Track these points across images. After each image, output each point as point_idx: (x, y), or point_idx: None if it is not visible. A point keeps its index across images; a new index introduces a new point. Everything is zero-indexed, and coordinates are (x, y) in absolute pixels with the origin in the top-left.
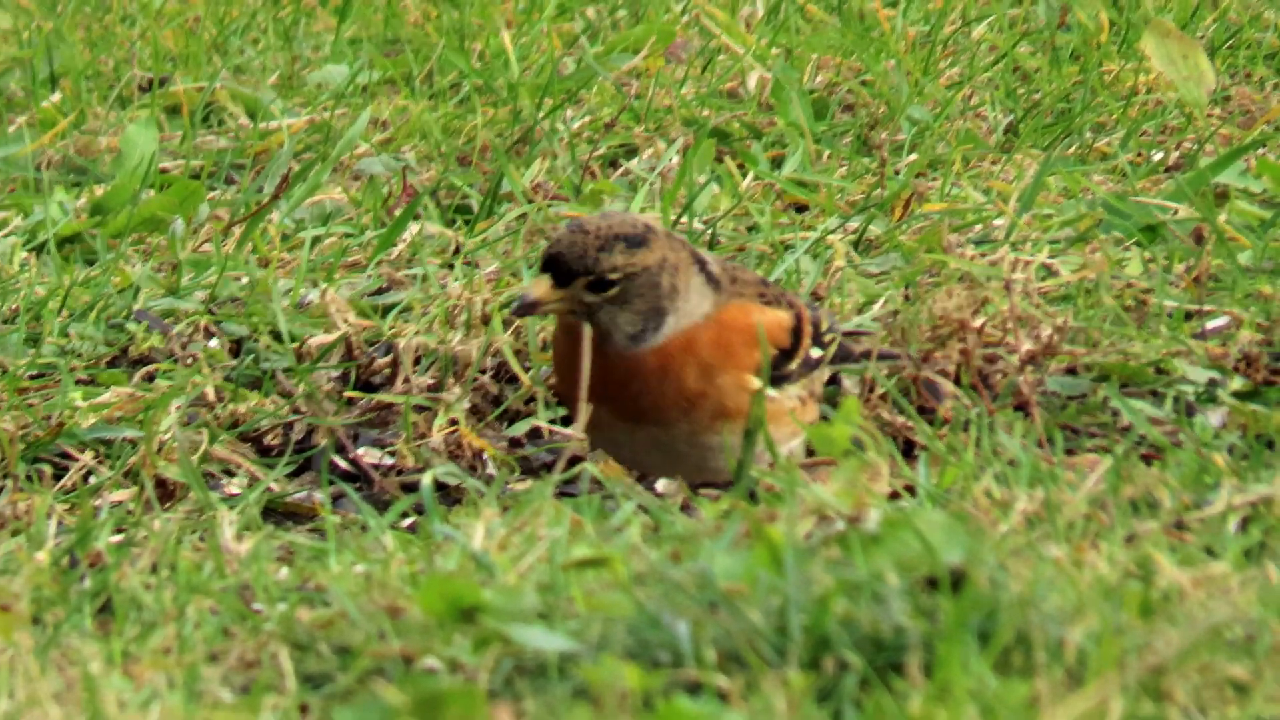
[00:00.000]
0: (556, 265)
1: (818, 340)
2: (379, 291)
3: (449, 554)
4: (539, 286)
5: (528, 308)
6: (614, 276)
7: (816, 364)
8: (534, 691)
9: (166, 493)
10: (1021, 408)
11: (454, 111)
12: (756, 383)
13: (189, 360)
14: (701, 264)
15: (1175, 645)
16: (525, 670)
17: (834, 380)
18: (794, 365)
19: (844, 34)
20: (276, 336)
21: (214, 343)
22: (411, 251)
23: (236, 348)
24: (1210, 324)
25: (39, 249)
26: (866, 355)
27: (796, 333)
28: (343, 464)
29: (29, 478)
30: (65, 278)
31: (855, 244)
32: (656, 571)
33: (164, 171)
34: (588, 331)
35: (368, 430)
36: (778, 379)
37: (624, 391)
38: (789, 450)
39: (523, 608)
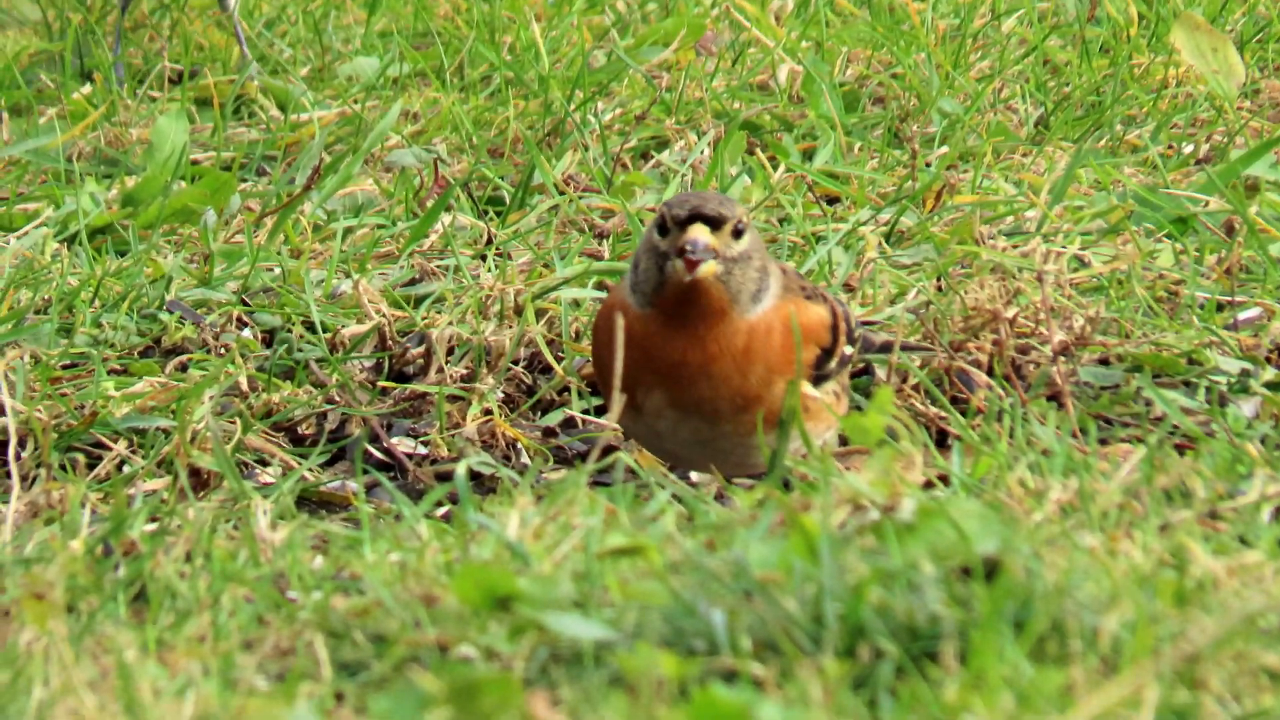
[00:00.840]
0: (704, 215)
1: (850, 336)
2: (411, 282)
3: (484, 543)
4: (704, 234)
5: (705, 252)
6: (744, 222)
7: (848, 359)
8: (569, 680)
9: (200, 482)
10: (1054, 398)
11: (485, 104)
12: (807, 387)
13: (222, 350)
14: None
15: (1210, 634)
16: (561, 659)
17: (866, 371)
18: (833, 363)
19: (874, 27)
20: (309, 327)
21: (247, 333)
22: (444, 243)
23: (269, 338)
24: (1242, 315)
25: (71, 240)
26: (887, 347)
27: (834, 330)
28: (377, 454)
29: (63, 467)
30: (97, 268)
31: (887, 236)
32: (691, 560)
33: (195, 163)
34: (620, 321)
35: (401, 420)
36: (820, 378)
37: (698, 373)
38: (823, 442)
39: (558, 596)
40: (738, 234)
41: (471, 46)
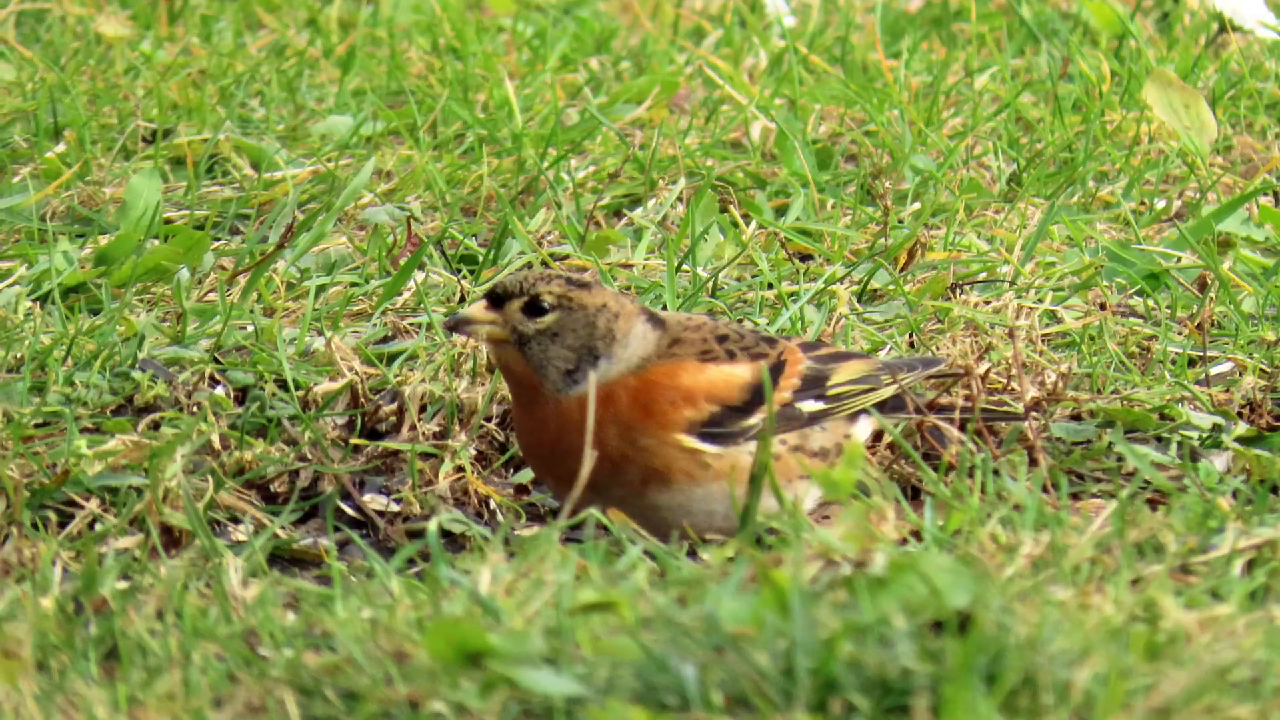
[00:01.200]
0: (493, 289)
1: (817, 393)
2: (384, 339)
3: (455, 599)
4: (473, 306)
5: (457, 322)
6: (550, 301)
7: (811, 419)
8: None
9: (172, 539)
10: (1026, 453)
11: (458, 162)
12: (689, 442)
13: (194, 408)
14: (654, 321)
15: (1181, 686)
16: (532, 714)
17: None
18: (750, 422)
19: (847, 84)
20: (282, 384)
21: (219, 390)
22: (417, 300)
23: (242, 396)
24: (1214, 370)
25: (44, 298)
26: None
27: (754, 389)
28: (349, 511)
29: (34, 525)
30: (70, 327)
31: (860, 293)
32: (663, 615)
33: (168, 221)
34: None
35: (374, 477)
36: (728, 435)
37: (554, 450)
38: (794, 496)
39: (529, 651)
40: (537, 311)
41: (445, 105)
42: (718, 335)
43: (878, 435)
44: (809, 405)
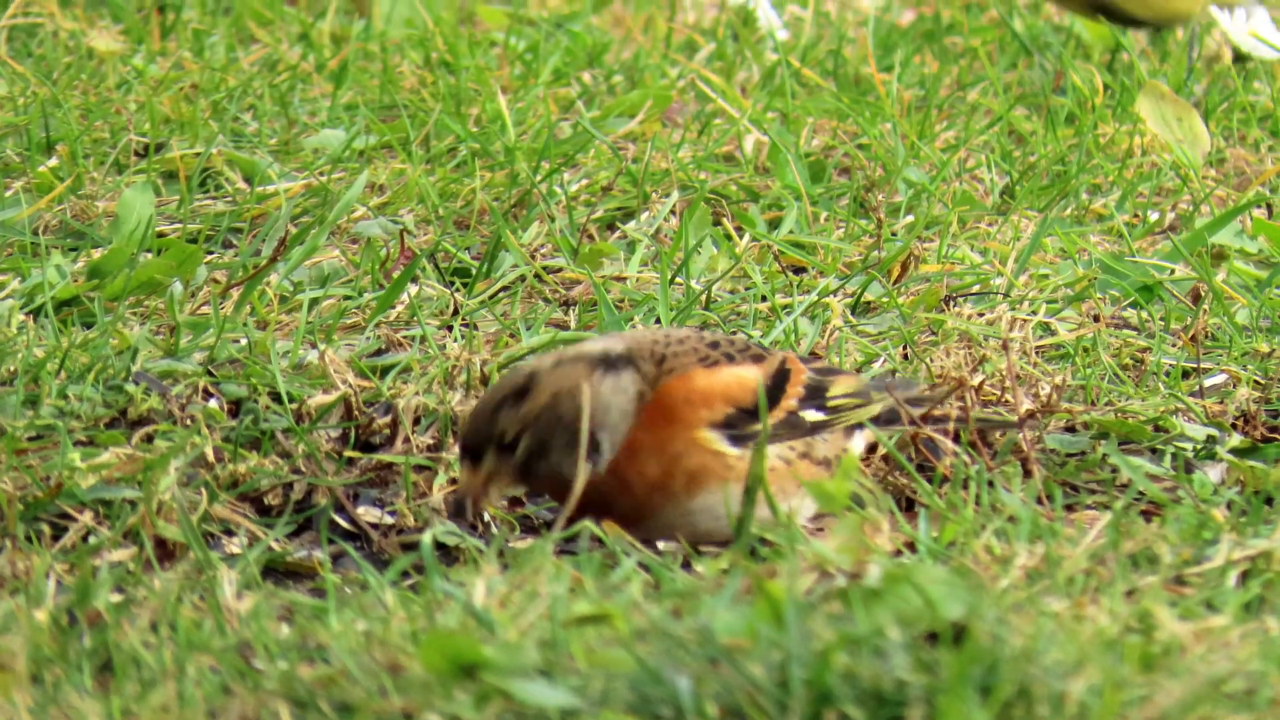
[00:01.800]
0: (465, 449)
1: (818, 403)
2: (378, 352)
3: (450, 611)
4: (461, 474)
5: (459, 504)
6: (513, 433)
7: (814, 428)
8: None
9: (166, 552)
10: (1021, 465)
11: (451, 175)
12: (715, 441)
13: (188, 421)
14: (609, 366)
15: (1176, 698)
16: None
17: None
18: (757, 426)
19: (840, 98)
20: (275, 397)
21: (213, 403)
22: (410, 313)
23: (235, 408)
24: (1208, 381)
25: (37, 312)
26: (921, 421)
27: (772, 391)
28: (343, 523)
29: (28, 538)
30: (63, 340)
31: (853, 306)
32: (658, 627)
33: (161, 235)
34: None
35: (368, 490)
36: (742, 438)
37: (609, 509)
38: (789, 508)
39: (524, 664)
40: (508, 448)
41: (437, 118)
42: (709, 343)
43: (871, 448)
44: (812, 415)
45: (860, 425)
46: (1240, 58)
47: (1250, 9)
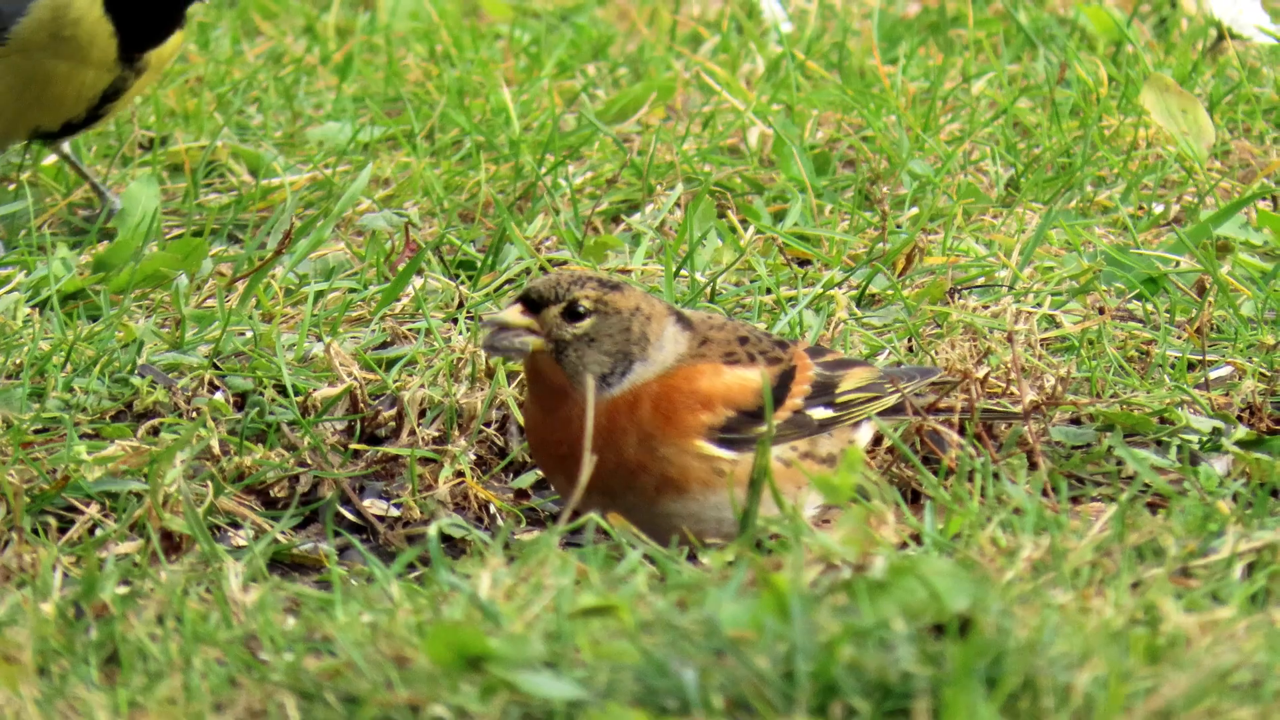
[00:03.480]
0: (528, 294)
1: (826, 400)
2: (383, 345)
3: (455, 603)
4: (508, 311)
5: (494, 327)
6: (587, 305)
7: (821, 426)
8: None
9: (172, 545)
10: (1026, 457)
11: (456, 168)
12: (707, 449)
13: (193, 414)
14: (683, 321)
15: (1181, 690)
16: (532, 718)
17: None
18: (762, 428)
19: (845, 90)
20: (281, 390)
21: (218, 396)
22: (415, 306)
23: (241, 401)
24: (1213, 374)
25: (42, 305)
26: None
27: (776, 391)
28: (349, 516)
29: (34, 530)
30: (69, 333)
31: (858, 298)
32: (663, 619)
33: (167, 228)
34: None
35: (373, 482)
36: (742, 441)
37: (573, 452)
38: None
39: (529, 656)
40: (575, 316)
41: (442, 111)
42: (739, 336)
43: (877, 439)
44: (819, 412)
45: (868, 417)
46: (1223, 36)
47: None
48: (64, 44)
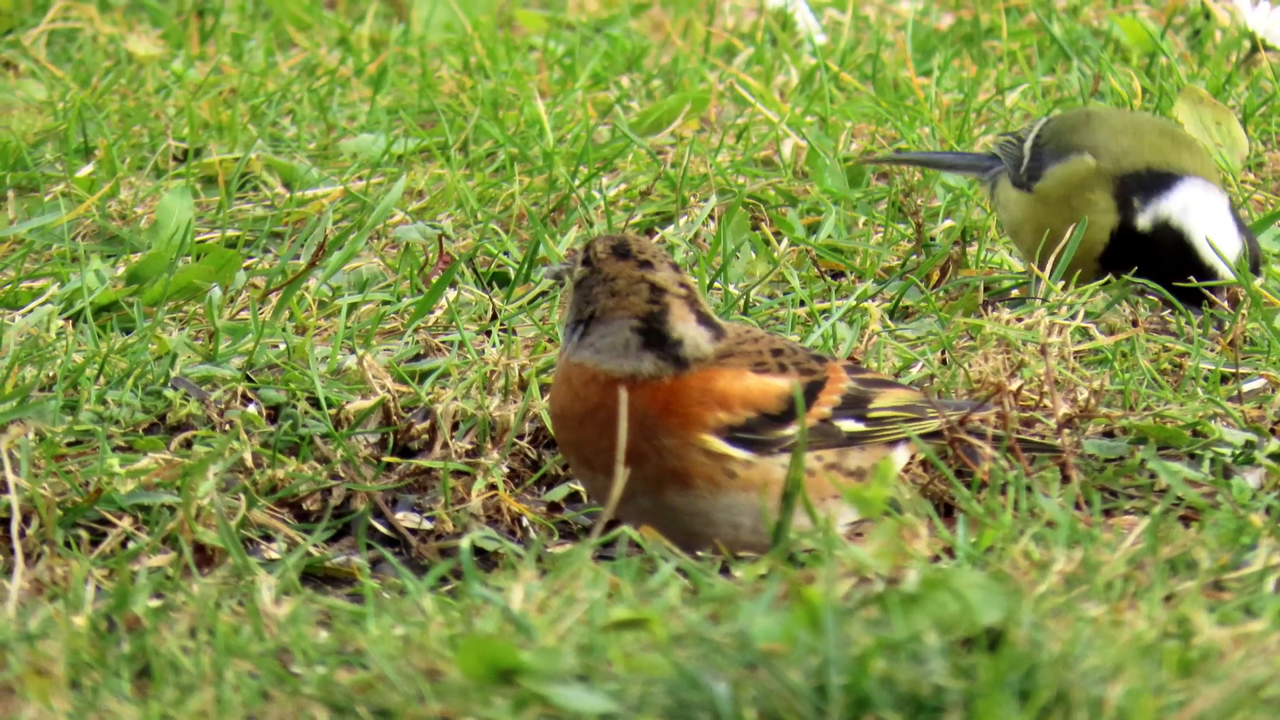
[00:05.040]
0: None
1: (857, 413)
2: (416, 357)
3: (488, 616)
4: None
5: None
6: (588, 255)
7: (850, 439)
8: None
9: (205, 558)
10: (1059, 470)
11: (490, 180)
12: (716, 445)
13: (226, 426)
14: (710, 325)
15: (1214, 703)
16: None
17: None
18: (786, 432)
19: (878, 102)
20: (314, 402)
21: (251, 409)
22: (448, 318)
23: (274, 414)
24: (1246, 386)
25: (76, 317)
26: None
27: (790, 401)
28: (381, 529)
29: (67, 543)
30: (102, 345)
31: (891, 310)
32: (695, 632)
33: (200, 240)
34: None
35: (406, 495)
36: (762, 443)
37: (583, 425)
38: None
39: (561, 669)
40: (584, 262)
41: (476, 123)
42: (774, 349)
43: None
44: (848, 425)
45: (906, 439)
46: (1257, 48)
47: None
48: None
